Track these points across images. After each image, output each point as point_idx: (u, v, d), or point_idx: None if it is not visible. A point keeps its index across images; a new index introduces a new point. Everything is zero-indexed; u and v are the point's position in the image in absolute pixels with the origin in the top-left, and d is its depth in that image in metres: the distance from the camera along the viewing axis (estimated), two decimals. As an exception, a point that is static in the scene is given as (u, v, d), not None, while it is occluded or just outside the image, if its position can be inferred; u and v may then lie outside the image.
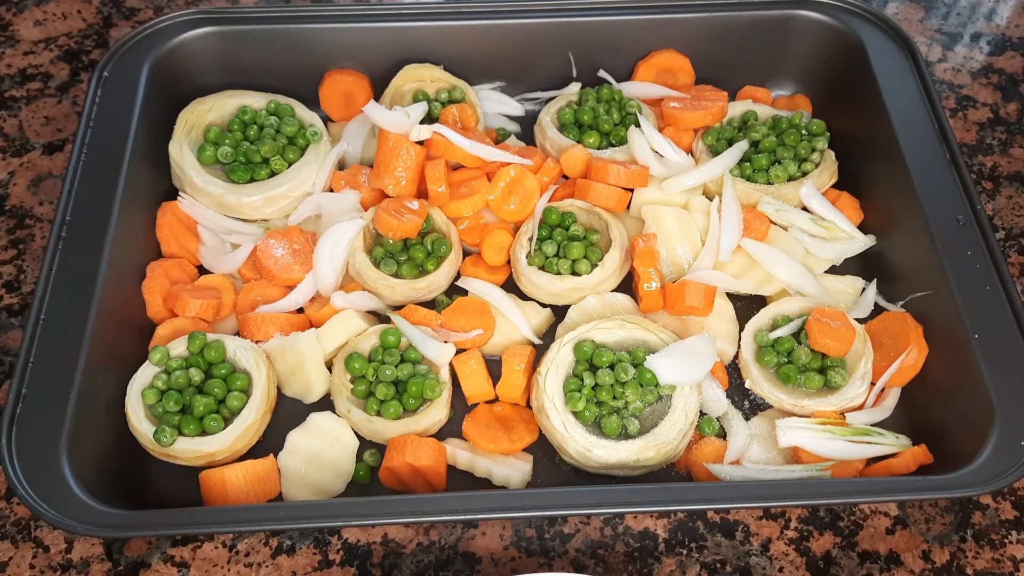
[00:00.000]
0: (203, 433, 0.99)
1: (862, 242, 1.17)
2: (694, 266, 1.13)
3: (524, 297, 1.14)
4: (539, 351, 1.10)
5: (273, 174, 1.17)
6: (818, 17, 1.26)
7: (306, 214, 1.16)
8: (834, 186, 1.22)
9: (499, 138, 1.27)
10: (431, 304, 1.13)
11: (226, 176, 1.17)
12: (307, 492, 0.99)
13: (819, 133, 1.22)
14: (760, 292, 1.13)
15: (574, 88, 1.30)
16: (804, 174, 1.19)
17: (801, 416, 1.03)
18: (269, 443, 1.02)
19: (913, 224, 1.09)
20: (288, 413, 1.05)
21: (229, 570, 0.95)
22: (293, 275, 1.10)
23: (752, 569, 0.96)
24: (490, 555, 0.97)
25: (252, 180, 1.17)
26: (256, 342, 1.07)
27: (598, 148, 1.22)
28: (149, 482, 1.01)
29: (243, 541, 0.97)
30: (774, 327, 1.09)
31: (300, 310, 1.12)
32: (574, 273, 1.11)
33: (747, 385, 1.08)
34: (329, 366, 1.07)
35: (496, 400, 1.07)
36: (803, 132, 1.22)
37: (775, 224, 1.17)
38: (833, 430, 1.00)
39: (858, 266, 1.18)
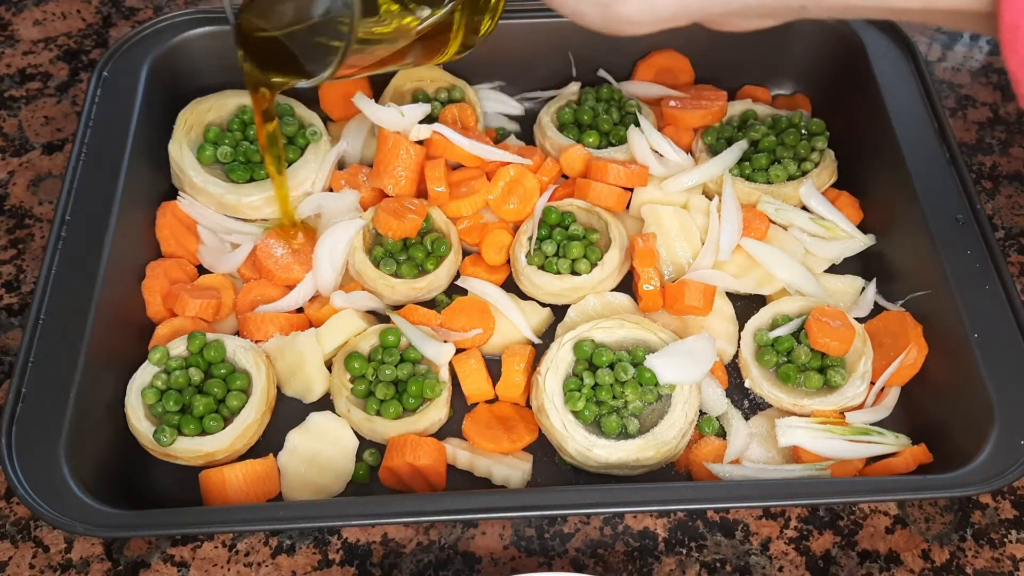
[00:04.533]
0: (203, 433, 0.99)
1: (862, 241, 1.17)
2: (694, 266, 1.13)
3: (524, 297, 1.14)
4: (539, 351, 1.10)
5: (273, 174, 1.17)
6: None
7: (306, 214, 1.16)
8: (834, 186, 1.22)
9: (499, 138, 1.27)
10: (431, 304, 1.13)
11: (226, 176, 1.17)
12: (307, 492, 0.99)
13: (819, 132, 1.22)
14: (760, 292, 1.13)
15: (574, 88, 1.30)
16: (804, 173, 1.19)
17: (801, 415, 1.03)
18: (269, 443, 1.02)
19: (913, 224, 1.09)
20: (288, 413, 1.05)
21: (229, 570, 0.96)
22: (293, 275, 1.10)
23: (752, 568, 0.96)
24: (490, 555, 0.97)
25: (252, 180, 1.17)
26: (256, 342, 1.07)
27: (598, 148, 1.22)
28: (149, 482, 1.01)
29: (243, 541, 0.97)
30: (774, 326, 1.09)
31: (300, 310, 1.12)
32: (574, 272, 1.11)
33: (747, 384, 1.08)
34: (329, 366, 1.07)
35: (496, 400, 1.07)
36: (803, 131, 1.22)
37: (775, 224, 1.17)
38: (833, 429, 1.00)
39: (858, 265, 1.18)
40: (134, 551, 0.97)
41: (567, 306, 1.12)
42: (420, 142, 1.16)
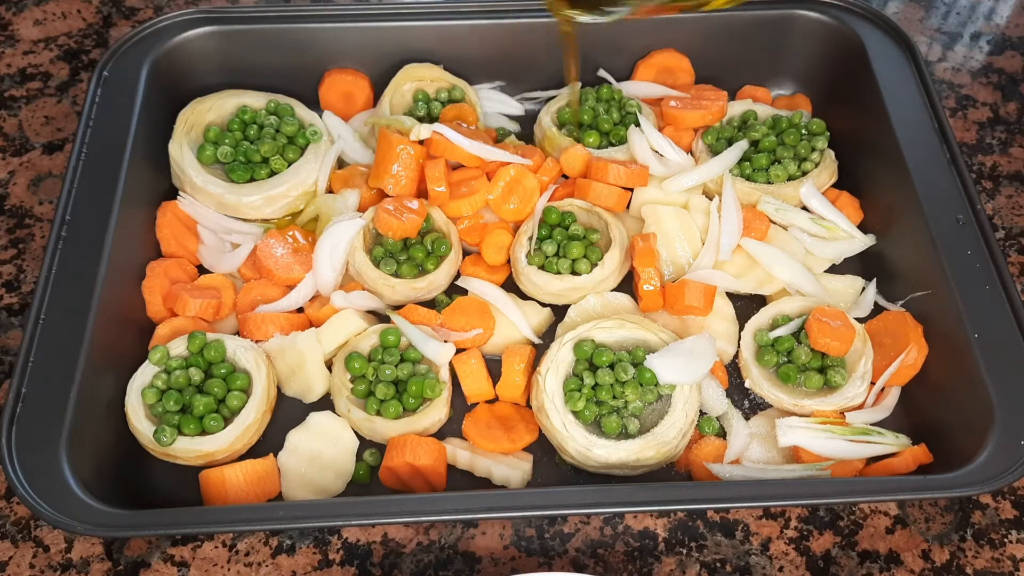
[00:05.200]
0: (203, 433, 0.99)
1: (862, 241, 1.17)
2: (694, 266, 1.13)
3: (524, 297, 1.14)
4: (539, 351, 1.10)
5: (273, 173, 1.17)
6: (818, 17, 1.26)
7: (309, 215, 1.17)
8: (834, 186, 1.22)
9: (499, 138, 1.27)
10: (431, 304, 1.13)
11: (226, 176, 1.17)
12: (307, 492, 0.99)
13: (819, 132, 1.22)
14: (760, 292, 1.13)
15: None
16: (804, 173, 1.19)
17: (801, 415, 1.03)
18: (269, 443, 1.03)
19: (913, 224, 1.09)
20: (288, 413, 1.05)
21: (229, 570, 0.95)
22: (293, 275, 1.10)
23: (752, 568, 0.96)
24: (490, 555, 0.97)
25: (252, 180, 1.17)
26: (256, 342, 1.07)
27: (598, 148, 1.22)
28: (149, 482, 1.01)
29: (243, 541, 0.97)
30: (774, 326, 1.09)
31: (300, 310, 1.12)
32: (574, 272, 1.11)
33: (747, 385, 1.08)
34: (329, 366, 1.07)
35: (496, 400, 1.07)
36: (803, 131, 1.22)
37: (775, 224, 1.17)
38: (833, 429, 1.00)
39: (858, 265, 1.18)
40: (134, 551, 0.96)
41: (567, 306, 1.12)
42: (420, 142, 1.16)
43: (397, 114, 1.24)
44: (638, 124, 1.22)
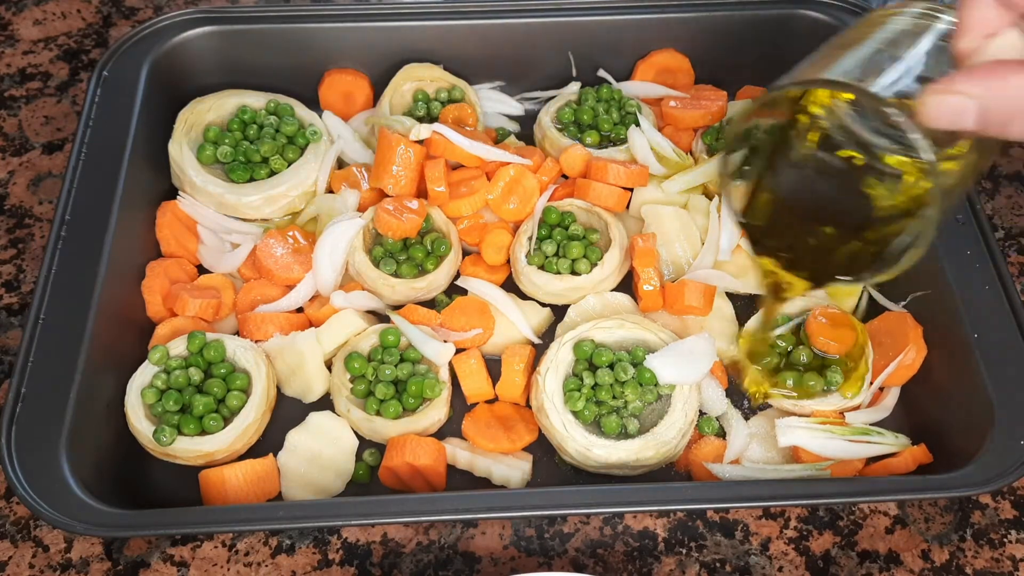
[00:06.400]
0: (203, 432, 0.99)
1: (862, 242, 1.17)
2: (694, 266, 1.13)
3: (524, 297, 1.14)
4: (539, 351, 1.10)
5: (273, 173, 1.17)
6: (818, 16, 1.26)
7: (309, 215, 1.17)
8: (834, 186, 1.22)
9: (499, 138, 1.27)
10: (431, 303, 1.13)
11: (226, 176, 1.17)
12: (307, 492, 0.99)
13: (819, 133, 1.22)
14: (760, 292, 1.13)
15: (574, 88, 1.30)
16: (804, 174, 1.19)
17: (800, 416, 1.03)
18: (269, 443, 1.02)
19: (913, 223, 1.09)
20: (288, 413, 1.05)
21: (229, 569, 0.96)
22: (293, 275, 1.10)
23: (752, 568, 0.96)
24: (490, 554, 0.97)
25: (252, 180, 1.17)
26: (256, 341, 1.07)
27: (598, 148, 1.22)
28: (149, 482, 1.01)
29: (243, 540, 0.97)
30: (774, 326, 1.09)
31: (300, 310, 1.12)
32: (574, 272, 1.11)
33: (747, 385, 1.08)
34: (329, 366, 1.07)
35: (496, 400, 1.07)
36: (803, 132, 1.22)
37: (775, 224, 1.17)
38: (832, 429, 1.00)
39: (858, 266, 1.18)
40: (134, 551, 0.97)
41: (567, 306, 1.12)
42: (420, 142, 1.16)
43: (397, 114, 1.24)
44: (638, 124, 1.22)
